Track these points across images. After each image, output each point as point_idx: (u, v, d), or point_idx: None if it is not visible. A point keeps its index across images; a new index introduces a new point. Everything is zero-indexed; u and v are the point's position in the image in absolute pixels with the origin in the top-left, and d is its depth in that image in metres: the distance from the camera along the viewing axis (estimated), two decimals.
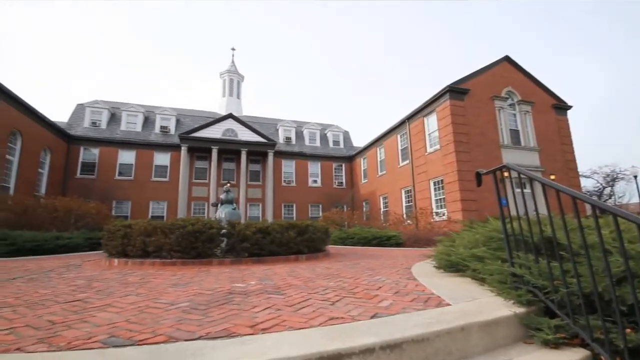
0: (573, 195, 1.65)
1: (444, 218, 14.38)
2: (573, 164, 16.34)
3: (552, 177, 14.09)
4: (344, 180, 25.29)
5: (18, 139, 14.89)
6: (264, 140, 21.83)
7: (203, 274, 4.07)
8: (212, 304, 2.31)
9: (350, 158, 25.60)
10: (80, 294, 2.80)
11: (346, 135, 27.80)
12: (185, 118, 24.32)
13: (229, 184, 10.30)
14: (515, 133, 15.71)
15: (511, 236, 2.36)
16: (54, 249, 8.68)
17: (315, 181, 24.44)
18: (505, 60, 16.44)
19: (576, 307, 1.74)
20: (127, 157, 20.51)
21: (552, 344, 1.70)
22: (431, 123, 16.18)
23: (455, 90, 14.73)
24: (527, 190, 10.91)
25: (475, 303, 2.14)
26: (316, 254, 6.59)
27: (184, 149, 20.20)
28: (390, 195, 19.65)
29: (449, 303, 2.18)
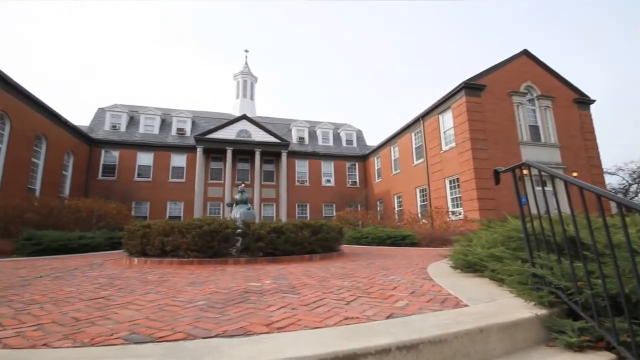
0: (597, 193, 1.58)
1: (460, 217, 14.11)
2: (597, 161, 15.70)
3: (575, 174, 13.60)
4: (357, 180, 25.17)
5: (43, 142, 15.55)
6: (278, 141, 21.99)
7: (219, 273, 4.14)
8: (229, 302, 2.34)
9: (364, 157, 25.45)
10: (103, 291, 2.90)
11: (359, 134, 27.63)
12: (200, 120, 24.77)
13: (243, 184, 10.44)
14: (534, 129, 15.23)
15: (531, 235, 2.29)
16: (78, 248, 9.02)
17: (328, 181, 24.43)
18: (524, 54, 15.97)
19: (601, 309, 1.67)
20: (146, 159, 21.11)
21: (576, 347, 1.64)
22: (446, 120, 15.90)
23: (471, 87, 14.41)
24: (548, 188, 10.56)
25: (495, 304, 2.09)
26: (330, 253, 6.59)
27: (199, 150, 20.58)
28: (405, 194, 19.43)
29: (466, 304, 2.14)
